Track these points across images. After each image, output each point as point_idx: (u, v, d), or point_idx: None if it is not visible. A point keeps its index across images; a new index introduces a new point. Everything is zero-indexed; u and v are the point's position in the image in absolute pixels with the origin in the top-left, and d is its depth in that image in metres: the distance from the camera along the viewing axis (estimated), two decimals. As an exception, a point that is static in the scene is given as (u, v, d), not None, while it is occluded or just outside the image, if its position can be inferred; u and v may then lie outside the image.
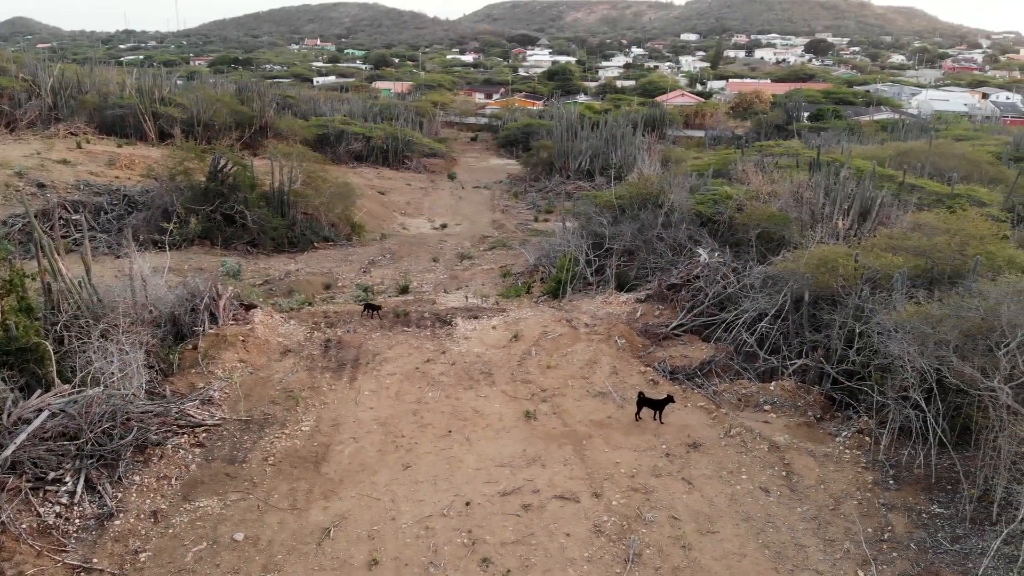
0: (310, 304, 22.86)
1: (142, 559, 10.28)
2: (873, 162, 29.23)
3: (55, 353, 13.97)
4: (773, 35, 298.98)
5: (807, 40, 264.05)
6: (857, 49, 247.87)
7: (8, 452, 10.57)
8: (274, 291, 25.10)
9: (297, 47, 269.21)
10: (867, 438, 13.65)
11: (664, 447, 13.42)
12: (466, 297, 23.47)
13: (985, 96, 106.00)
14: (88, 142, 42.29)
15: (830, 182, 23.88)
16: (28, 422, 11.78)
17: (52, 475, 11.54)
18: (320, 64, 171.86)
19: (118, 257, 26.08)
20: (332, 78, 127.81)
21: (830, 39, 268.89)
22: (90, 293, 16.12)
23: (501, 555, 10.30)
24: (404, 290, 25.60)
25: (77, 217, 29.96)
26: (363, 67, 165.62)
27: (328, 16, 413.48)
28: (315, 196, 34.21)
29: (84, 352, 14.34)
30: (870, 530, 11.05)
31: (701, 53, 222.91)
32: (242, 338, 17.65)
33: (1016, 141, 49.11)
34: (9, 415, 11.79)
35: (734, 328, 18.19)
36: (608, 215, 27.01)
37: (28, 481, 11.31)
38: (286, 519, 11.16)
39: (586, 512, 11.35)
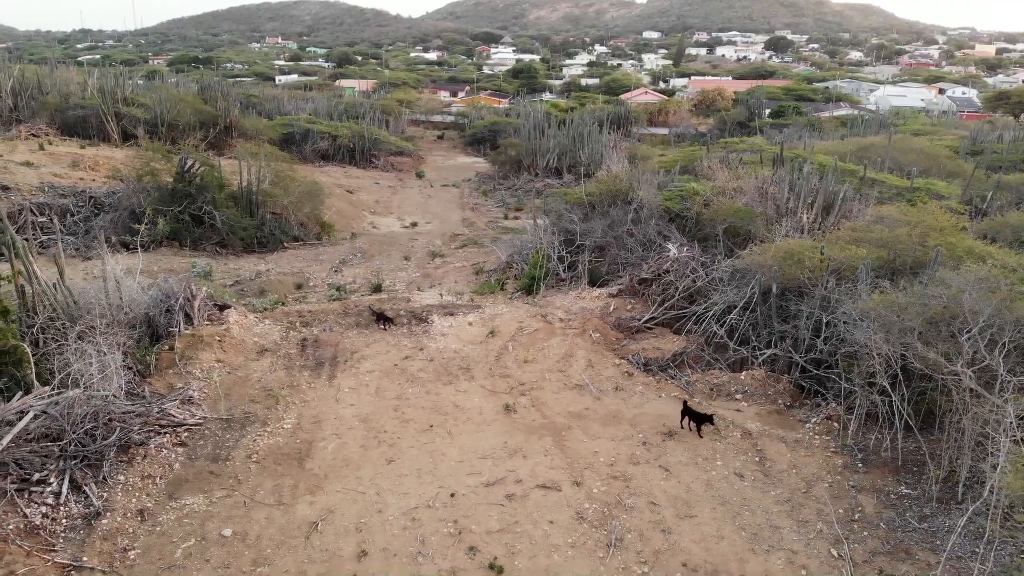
0: (283, 304, 22.86)
1: (131, 556, 10.36)
2: (835, 158, 30.04)
3: (32, 356, 13.92)
4: (734, 32, 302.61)
5: (767, 37, 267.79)
6: (816, 46, 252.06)
7: (-4, 452, 10.55)
8: (245, 292, 25.03)
9: (258, 46, 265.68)
10: (835, 424, 14.19)
11: (641, 436, 13.80)
12: (441, 295, 23.68)
13: (941, 91, 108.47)
14: (50, 144, 41.56)
15: (794, 177, 24.54)
16: (11, 424, 11.76)
17: (37, 476, 11.56)
18: (282, 63, 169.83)
19: (87, 259, 25.79)
20: (295, 77, 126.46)
21: (789, 36, 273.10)
22: (65, 295, 16.01)
23: (487, 543, 10.58)
24: (377, 288, 25.68)
25: (44, 219, 29.57)
26: (326, 65, 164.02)
27: (289, 14, 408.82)
28: (284, 196, 34.08)
29: (62, 354, 14.28)
30: (841, 511, 11.54)
31: (663, 51, 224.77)
32: (218, 338, 17.65)
33: (972, 135, 50.73)
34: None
35: (704, 320, 18.68)
36: (579, 212, 27.42)
37: (13, 483, 11.32)
38: (273, 514, 11.31)
39: (568, 500, 11.68)
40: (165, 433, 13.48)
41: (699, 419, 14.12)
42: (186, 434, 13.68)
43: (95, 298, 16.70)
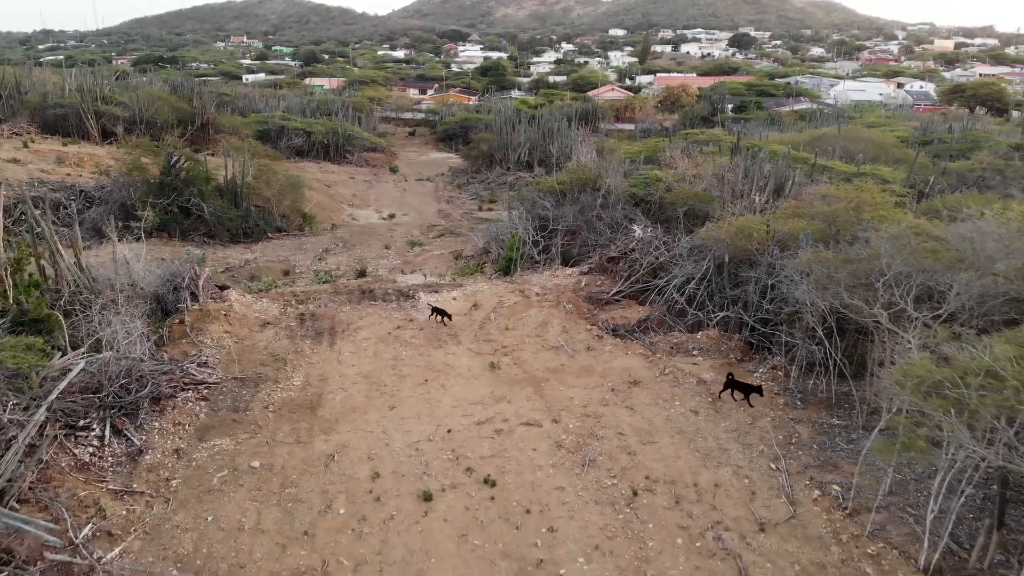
0: (276, 287, 24.46)
1: (174, 484, 12.03)
2: (788, 146, 32.35)
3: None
4: (698, 30, 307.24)
5: (731, 34, 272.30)
6: (779, 43, 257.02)
7: (52, 397, 12.11)
8: (236, 277, 26.52)
9: (223, 45, 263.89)
10: (780, 372, 16.25)
11: (610, 385, 15.74)
12: (424, 276, 25.43)
13: (900, 85, 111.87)
14: (33, 142, 42.44)
15: (748, 164, 26.70)
16: (55, 380, 13.32)
17: (82, 423, 13.15)
18: (248, 61, 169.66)
19: (86, 248, 27.05)
20: (262, 75, 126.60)
21: (753, 33, 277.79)
22: (86, 272, 17.54)
23: (481, 465, 12.44)
24: (362, 274, 27.32)
25: (39, 212, 30.70)
26: (293, 64, 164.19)
27: (254, 13, 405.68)
28: (266, 188, 35.53)
29: (89, 322, 15.83)
30: (780, 437, 13.59)
31: (629, 48, 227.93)
32: (223, 312, 19.26)
33: (923, 126, 53.59)
34: (38, 373, 13.30)
35: (666, 291, 20.70)
36: (551, 199, 29.34)
37: (62, 428, 12.89)
38: (294, 450, 13.04)
39: (548, 433, 13.58)
40: (188, 389, 15.12)
41: (746, 389, 15.05)
42: (206, 391, 15.33)
43: (111, 276, 18.25)
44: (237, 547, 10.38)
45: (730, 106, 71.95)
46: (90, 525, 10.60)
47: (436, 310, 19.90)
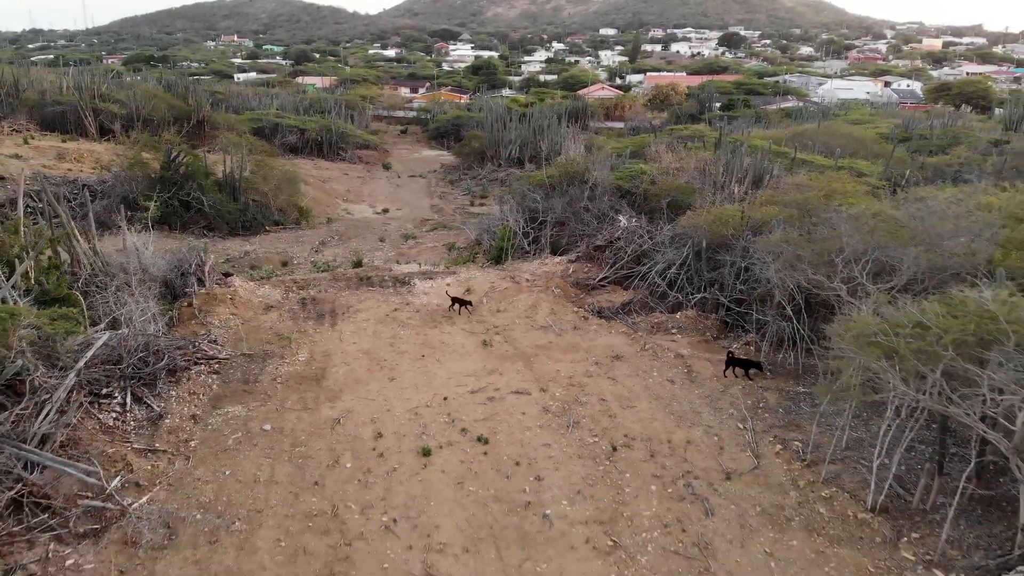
0: (277, 275, 25.52)
1: (192, 445, 13.11)
2: (769, 141, 33.59)
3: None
4: (688, 29, 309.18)
5: (721, 34, 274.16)
6: (768, 42, 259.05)
7: (81, 364, 13.18)
8: (236, 267, 27.56)
9: (213, 44, 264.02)
10: (752, 348, 17.45)
11: (594, 359, 16.91)
12: (419, 264, 26.54)
13: (887, 84, 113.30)
14: (33, 138, 43.39)
15: (729, 157, 27.91)
16: (80, 351, 14.37)
17: (104, 391, 14.21)
18: (239, 60, 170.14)
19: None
20: (253, 74, 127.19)
21: (742, 32, 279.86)
22: (100, 257, 18.60)
23: (475, 427, 13.58)
24: (358, 264, 28.40)
25: (42, 206, 31.68)
26: (284, 63, 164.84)
27: (244, 12, 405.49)
28: (264, 183, 36.56)
29: (106, 302, 16.87)
30: (749, 402, 14.78)
31: (620, 47, 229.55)
32: (229, 296, 20.33)
33: (905, 123, 54.97)
34: (61, 345, 14.35)
35: (648, 276, 21.87)
36: (540, 192, 30.49)
37: (86, 396, 13.94)
38: (302, 416, 14.14)
39: (536, 400, 14.74)
40: (201, 364, 16.20)
41: (746, 365, 16.00)
42: (217, 365, 16.40)
43: (122, 262, 19.30)
44: (254, 496, 11.48)
45: (718, 104, 73.16)
46: (119, 477, 11.67)
47: (456, 300, 20.32)
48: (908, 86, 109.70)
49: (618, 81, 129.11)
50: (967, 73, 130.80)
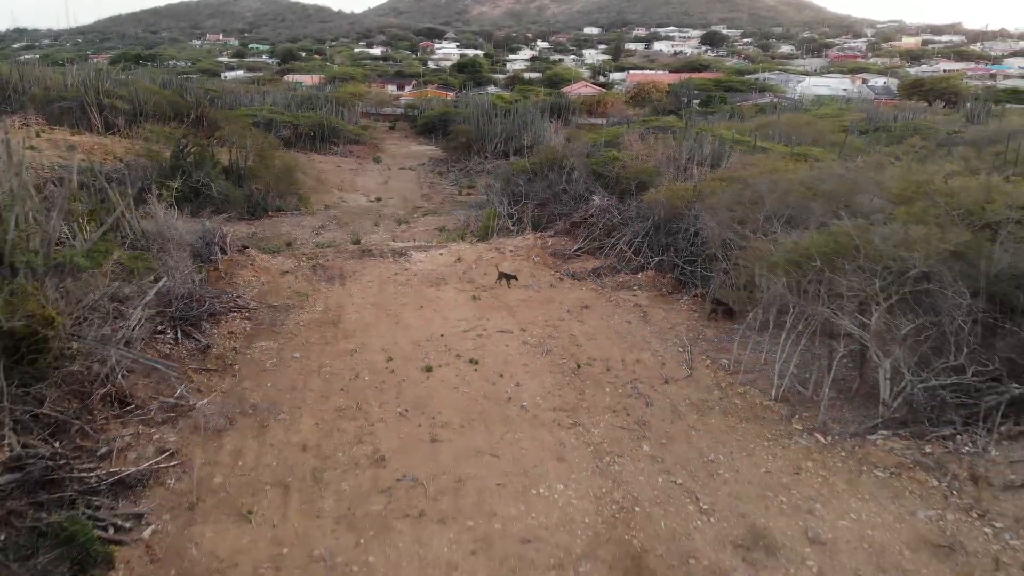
0: (285, 250, 28.50)
1: (236, 367, 16.13)
2: (733, 131, 36.87)
3: (131, 262, 19.45)
4: (671, 28, 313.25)
5: (703, 32, 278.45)
6: (750, 40, 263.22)
7: (149, 297, 16.17)
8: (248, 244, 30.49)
9: (199, 43, 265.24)
10: (699, 299, 20.65)
11: (566, 308, 20.09)
12: (414, 240, 29.60)
13: (864, 81, 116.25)
14: (43, 132, 45.98)
15: (693, 144, 31.17)
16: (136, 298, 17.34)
17: (159, 328, 17.20)
18: (226, 59, 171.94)
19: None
20: (240, 73, 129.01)
21: (724, 31, 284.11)
22: (139, 226, 21.59)
23: (467, 353, 16.73)
24: (357, 242, 31.39)
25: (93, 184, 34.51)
26: (270, 62, 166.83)
27: (230, 11, 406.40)
28: (266, 172, 39.52)
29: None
30: (691, 336, 18.00)
31: (603, 46, 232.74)
32: (250, 262, 23.34)
33: (869, 116, 58.34)
34: (117, 294, 17.33)
35: (617, 246, 25.07)
36: (523, 177, 33.66)
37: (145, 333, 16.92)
38: (324, 348, 17.21)
39: (517, 336, 17.90)
40: (234, 312, 19.21)
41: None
42: (248, 313, 19.43)
43: (158, 231, 22.27)
44: (292, 397, 14.54)
45: (696, 101, 76.43)
46: (183, 384, 14.69)
47: (503, 275, 22.43)
48: (884, 83, 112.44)
49: (601, 79, 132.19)
50: (944, 70, 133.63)
